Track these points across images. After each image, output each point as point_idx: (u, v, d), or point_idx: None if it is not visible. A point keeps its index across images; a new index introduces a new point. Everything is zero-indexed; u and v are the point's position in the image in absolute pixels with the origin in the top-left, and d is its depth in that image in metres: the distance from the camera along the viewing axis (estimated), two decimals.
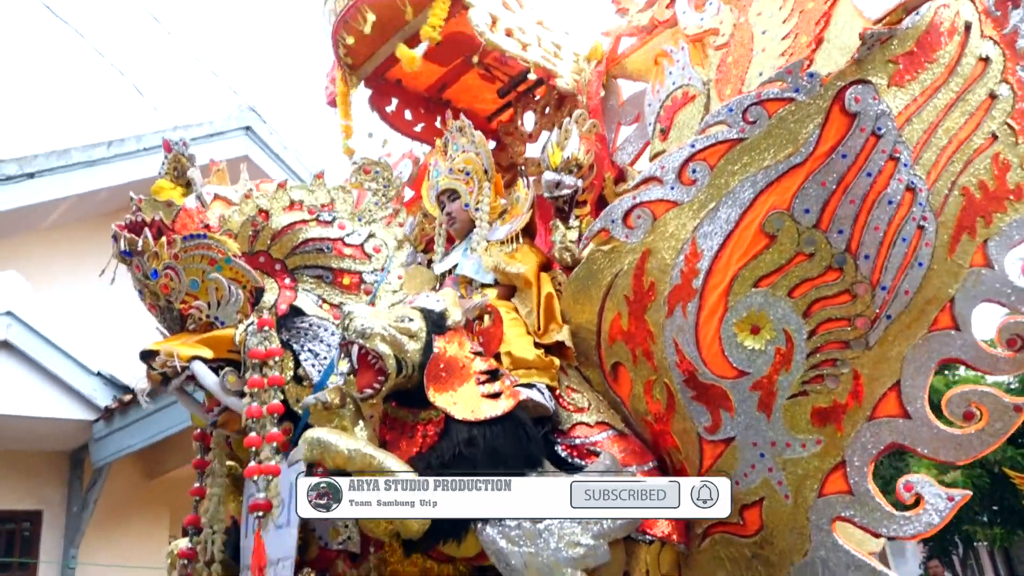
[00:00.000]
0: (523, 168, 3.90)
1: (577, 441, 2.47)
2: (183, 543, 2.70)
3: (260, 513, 2.11)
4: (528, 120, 3.88)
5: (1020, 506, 5.83)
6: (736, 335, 2.28)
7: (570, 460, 2.43)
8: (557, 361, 2.60)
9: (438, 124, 3.91)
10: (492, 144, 3.70)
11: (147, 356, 2.31)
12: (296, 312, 2.41)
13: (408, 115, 3.83)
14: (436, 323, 2.26)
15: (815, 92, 2.15)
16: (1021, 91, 2.42)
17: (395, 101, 3.78)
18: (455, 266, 3.06)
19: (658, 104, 2.92)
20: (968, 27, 2.34)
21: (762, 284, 2.25)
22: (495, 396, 2.23)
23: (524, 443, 2.20)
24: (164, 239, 2.33)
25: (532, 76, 3.52)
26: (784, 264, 2.22)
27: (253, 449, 2.17)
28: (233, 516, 2.53)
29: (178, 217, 2.39)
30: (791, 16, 2.47)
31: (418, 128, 3.85)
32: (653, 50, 3.35)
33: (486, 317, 2.50)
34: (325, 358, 2.36)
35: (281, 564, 2.10)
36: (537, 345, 2.67)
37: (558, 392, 2.58)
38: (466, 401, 2.18)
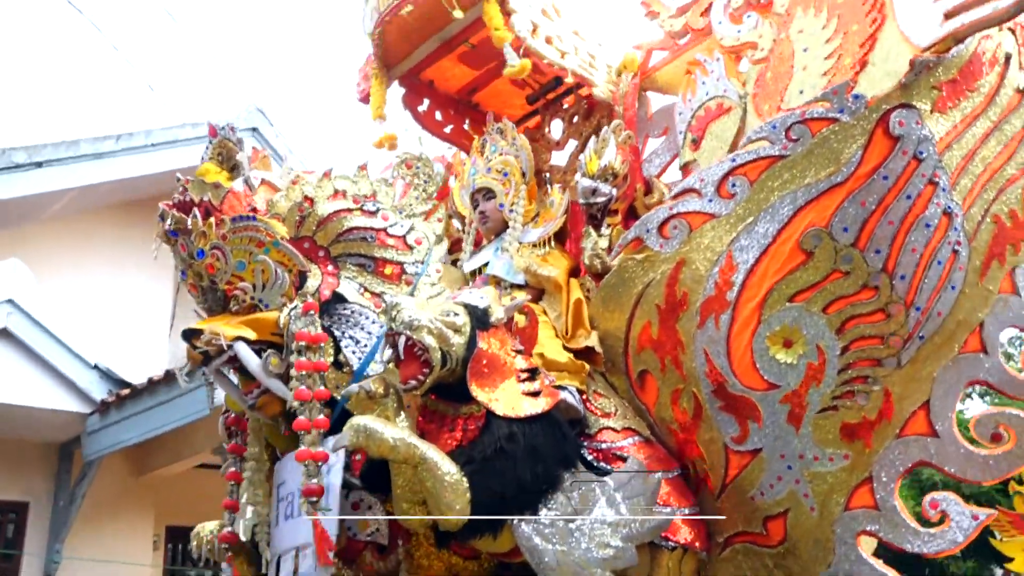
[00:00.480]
0: (548, 175, 3.94)
1: (603, 445, 2.52)
2: (211, 526, 2.72)
3: (313, 499, 2.13)
4: (555, 128, 3.92)
5: (990, 541, 5.97)
6: (768, 348, 2.34)
7: (596, 464, 2.47)
8: (587, 366, 2.65)
9: (466, 127, 3.97)
10: None
11: (190, 335, 2.34)
12: (338, 299, 2.44)
13: (438, 116, 3.86)
14: (480, 319, 2.31)
15: (860, 114, 2.21)
16: None
17: (427, 101, 3.82)
18: (485, 265, 3.12)
19: (689, 113, 2.97)
20: (1008, 59, 2.42)
21: (797, 299, 2.31)
22: (535, 394, 2.29)
23: (561, 443, 2.26)
24: (212, 219, 2.36)
25: (565, 83, 3.57)
26: (820, 281, 2.28)
27: (302, 433, 2.20)
28: None
29: (226, 199, 2.41)
30: (834, 36, 2.53)
31: (447, 129, 3.88)
32: (684, 64, 3.41)
33: (521, 317, 2.53)
34: (365, 345, 2.39)
35: (303, 553, 2.13)
36: (565, 349, 2.71)
37: (585, 396, 2.63)
38: (507, 398, 2.24)
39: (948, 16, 2.31)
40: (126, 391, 6.71)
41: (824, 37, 2.55)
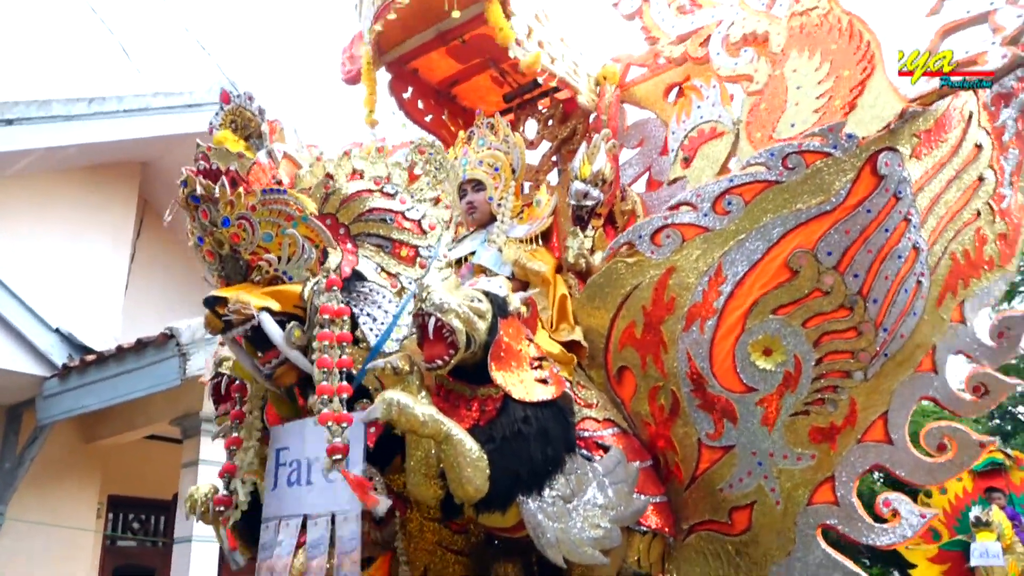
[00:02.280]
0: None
1: (586, 434, 2.57)
2: (204, 489, 2.68)
3: (338, 456, 2.10)
4: (529, 128, 3.96)
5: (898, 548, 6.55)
6: (750, 354, 2.46)
7: (578, 451, 2.60)
8: (574, 357, 2.78)
9: (444, 117, 4.01)
10: None
11: (213, 302, 2.27)
12: (358, 276, 2.42)
13: (420, 104, 3.87)
14: (501, 307, 2.35)
15: (851, 151, 2.34)
16: (1002, 177, 2.77)
17: (411, 89, 3.83)
18: (471, 253, 3.16)
19: (683, 133, 3.13)
20: (971, 116, 2.64)
21: (780, 312, 2.44)
22: (544, 381, 2.34)
23: (566, 428, 2.32)
24: (241, 189, 2.30)
25: (543, 85, 3.69)
26: (802, 297, 2.42)
27: (324, 397, 2.17)
28: None
29: (251, 170, 2.35)
30: (827, 79, 2.70)
31: (428, 118, 3.89)
32: (662, 82, 3.59)
33: (523, 308, 2.64)
34: (382, 323, 2.38)
35: (342, 517, 2.15)
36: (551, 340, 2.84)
37: (571, 386, 2.75)
38: (522, 383, 2.29)
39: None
40: (92, 356, 6.43)
41: (817, 78, 2.72)
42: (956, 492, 6.45)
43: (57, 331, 6.61)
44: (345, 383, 2.18)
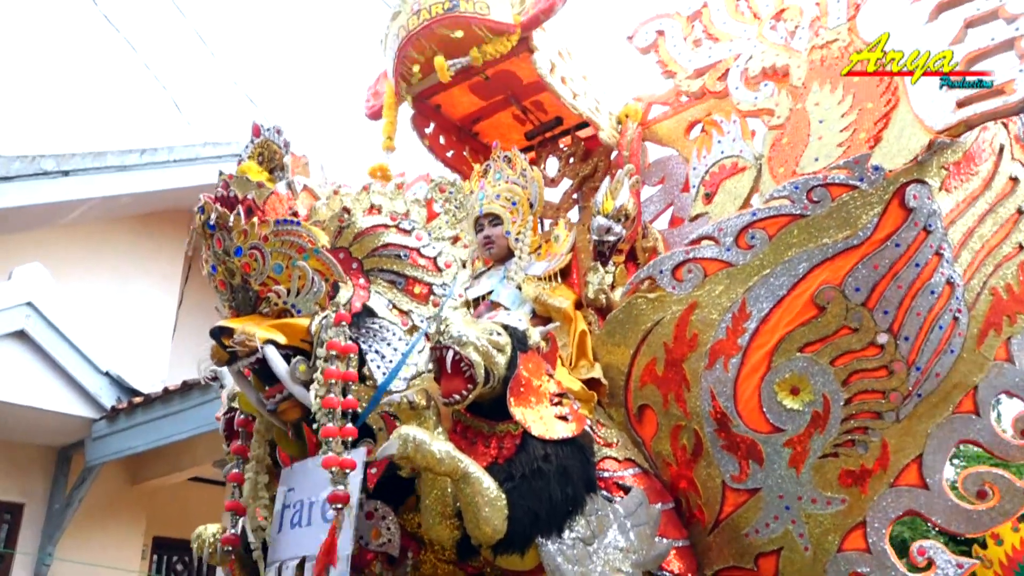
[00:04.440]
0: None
1: (605, 474, 2.39)
2: (213, 528, 2.55)
3: (339, 505, 1.97)
4: (551, 165, 3.83)
5: None
6: (776, 394, 2.27)
7: (598, 491, 2.42)
8: (595, 395, 2.61)
9: (465, 154, 3.89)
10: None
11: (219, 333, 2.15)
12: (368, 312, 2.29)
13: (442, 140, 3.74)
14: (520, 341, 2.19)
15: (878, 184, 2.18)
16: None
17: (433, 124, 3.70)
18: (489, 292, 3.00)
19: (704, 169, 2.98)
20: (1001, 149, 2.46)
21: (807, 350, 2.25)
22: (564, 418, 2.17)
23: (587, 467, 2.14)
24: (256, 219, 2.19)
25: (565, 123, 3.58)
26: (830, 335, 2.23)
27: (327, 440, 2.03)
28: None
29: (268, 200, 2.26)
30: (850, 112, 2.55)
31: (449, 154, 3.77)
32: (684, 120, 3.44)
33: (543, 343, 2.49)
34: (390, 361, 2.24)
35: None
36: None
37: (590, 425, 2.58)
38: (542, 419, 2.12)
39: (960, 104, 2.36)
40: (139, 399, 6.31)
41: (840, 112, 2.55)
42: (1013, 543, 5.81)
43: (107, 374, 6.51)
44: (350, 425, 2.04)
